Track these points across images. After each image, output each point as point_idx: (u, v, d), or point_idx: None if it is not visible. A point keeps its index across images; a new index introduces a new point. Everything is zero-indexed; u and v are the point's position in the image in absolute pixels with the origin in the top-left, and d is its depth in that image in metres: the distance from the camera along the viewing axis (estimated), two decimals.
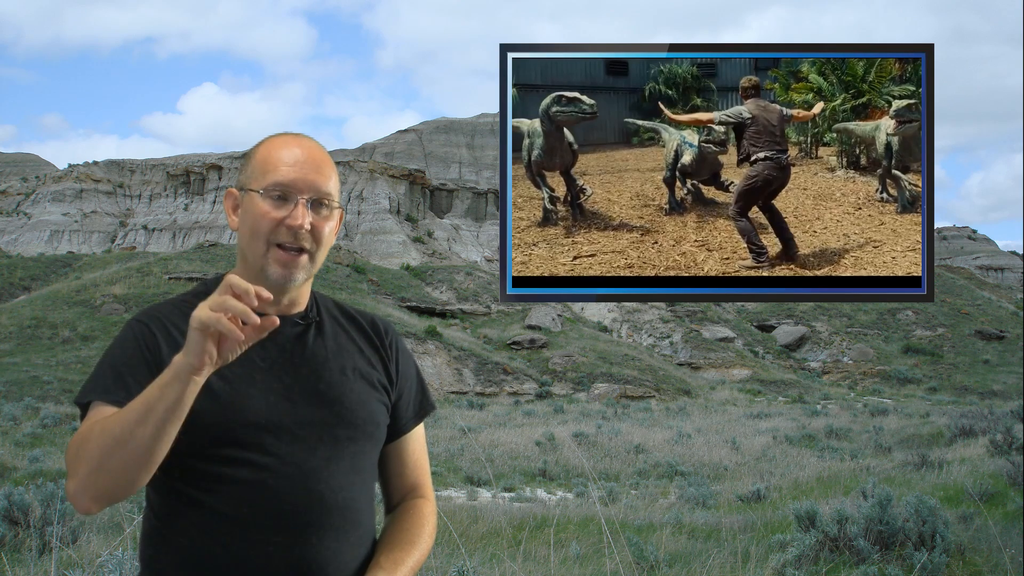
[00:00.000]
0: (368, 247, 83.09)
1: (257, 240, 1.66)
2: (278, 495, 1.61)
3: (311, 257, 1.68)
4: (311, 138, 1.74)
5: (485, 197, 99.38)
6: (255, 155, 1.72)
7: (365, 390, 1.76)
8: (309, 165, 1.68)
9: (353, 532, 1.70)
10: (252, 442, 1.62)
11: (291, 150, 1.69)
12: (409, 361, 1.88)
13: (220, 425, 1.61)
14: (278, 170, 1.67)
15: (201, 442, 1.60)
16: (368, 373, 1.78)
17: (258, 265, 1.67)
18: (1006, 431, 13.34)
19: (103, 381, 1.61)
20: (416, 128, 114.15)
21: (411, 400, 1.86)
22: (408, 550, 1.74)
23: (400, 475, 1.87)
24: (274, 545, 1.61)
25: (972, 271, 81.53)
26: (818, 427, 24.86)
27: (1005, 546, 6.29)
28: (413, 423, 1.87)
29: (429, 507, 1.85)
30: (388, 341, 1.85)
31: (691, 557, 7.22)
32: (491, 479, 15.66)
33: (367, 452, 1.75)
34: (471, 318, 54.96)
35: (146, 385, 1.52)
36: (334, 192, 1.71)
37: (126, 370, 1.61)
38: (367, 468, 1.75)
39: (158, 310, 1.73)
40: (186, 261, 55.88)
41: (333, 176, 1.72)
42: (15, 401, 27.18)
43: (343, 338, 1.79)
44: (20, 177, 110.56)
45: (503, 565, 6.04)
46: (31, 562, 5.94)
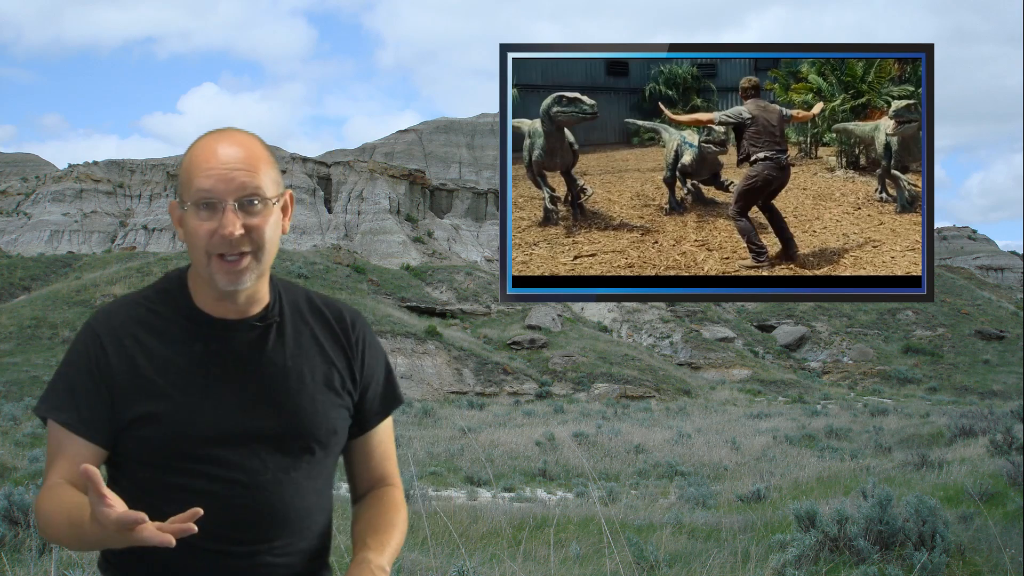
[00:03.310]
0: (368, 247, 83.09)
1: (198, 254, 1.63)
2: (230, 506, 1.61)
3: (255, 256, 1.62)
4: (237, 130, 1.65)
5: (485, 197, 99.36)
6: (182, 164, 1.65)
7: (325, 398, 1.71)
8: (231, 164, 1.59)
9: (305, 539, 1.70)
10: (203, 454, 1.61)
11: (211, 152, 1.60)
12: (377, 355, 1.83)
13: (171, 438, 1.61)
14: (199, 178, 1.59)
15: (153, 454, 1.62)
16: (329, 377, 1.73)
17: (206, 275, 1.64)
18: (1006, 431, 13.34)
19: (56, 398, 1.66)
20: (416, 128, 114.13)
21: (376, 395, 1.82)
22: (391, 531, 1.74)
23: (367, 467, 1.86)
24: (227, 555, 1.62)
25: (972, 271, 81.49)
26: (818, 427, 24.85)
27: (1005, 546, 6.29)
28: (378, 419, 1.84)
29: (399, 494, 1.85)
30: (355, 336, 1.79)
31: (691, 557, 7.23)
32: (491, 479, 15.66)
33: (324, 460, 1.73)
34: (471, 318, 54.95)
35: (95, 409, 1.62)
36: (266, 184, 1.61)
37: (79, 391, 1.64)
38: (323, 476, 1.74)
39: (114, 315, 1.70)
40: (186, 261, 55.59)
41: (262, 168, 1.61)
42: (15, 401, 27.20)
43: (305, 338, 1.74)
44: (20, 177, 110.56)
45: (503, 565, 6.04)
46: (31, 562, 5.94)
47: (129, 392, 1.63)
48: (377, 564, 1.65)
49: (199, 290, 1.69)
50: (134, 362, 1.64)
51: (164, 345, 1.66)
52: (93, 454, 1.65)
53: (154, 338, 1.66)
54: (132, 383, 1.63)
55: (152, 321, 1.69)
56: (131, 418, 1.62)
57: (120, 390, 1.63)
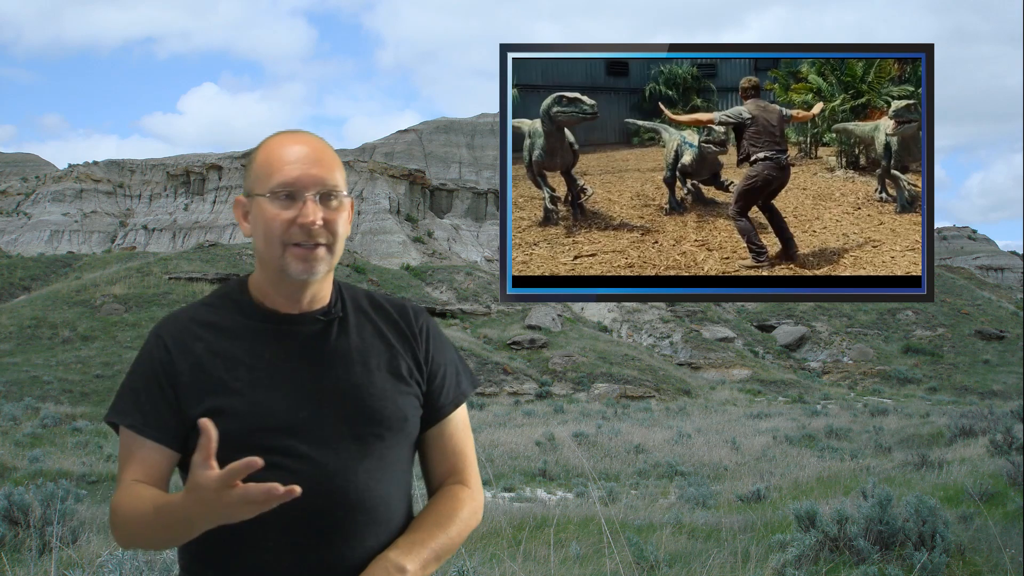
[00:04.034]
0: (368, 247, 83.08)
1: (272, 244, 1.65)
2: (303, 497, 1.58)
3: (329, 249, 1.67)
4: (311, 133, 1.72)
5: (485, 197, 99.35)
6: (256, 159, 1.70)
7: (392, 385, 1.72)
8: (312, 160, 1.66)
9: (384, 530, 1.68)
10: (275, 445, 1.62)
11: (291, 148, 1.67)
12: (444, 346, 1.84)
13: (242, 430, 1.62)
14: (282, 170, 1.65)
15: (224, 447, 1.59)
16: (395, 366, 1.74)
17: (277, 266, 1.66)
18: (1006, 431, 13.33)
19: (123, 403, 1.70)
20: (416, 128, 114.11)
21: (447, 386, 1.82)
22: (432, 532, 1.70)
23: (439, 461, 1.83)
24: (302, 547, 1.61)
25: (972, 271, 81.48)
26: (818, 427, 24.86)
27: (1005, 546, 6.29)
28: (450, 409, 1.82)
29: (466, 492, 1.80)
30: (419, 328, 1.81)
31: (691, 557, 7.22)
32: (491, 479, 15.66)
33: (397, 447, 1.72)
34: (471, 318, 54.95)
35: (160, 411, 1.65)
36: (341, 183, 1.69)
37: (143, 394, 1.68)
38: (398, 463, 1.73)
39: (179, 321, 1.73)
40: (186, 261, 55.86)
41: (338, 167, 1.70)
42: (15, 401, 27.19)
43: (368, 332, 1.76)
44: (20, 177, 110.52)
45: (503, 565, 6.04)
46: (31, 562, 5.94)
47: (196, 390, 1.65)
48: (396, 564, 1.62)
49: (262, 292, 1.72)
50: (200, 360, 1.66)
51: (229, 342, 1.69)
52: (162, 456, 1.67)
53: (219, 336, 1.69)
54: (199, 381, 1.65)
55: (216, 321, 1.72)
56: (199, 414, 1.62)
57: (187, 389, 1.65)
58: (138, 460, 1.66)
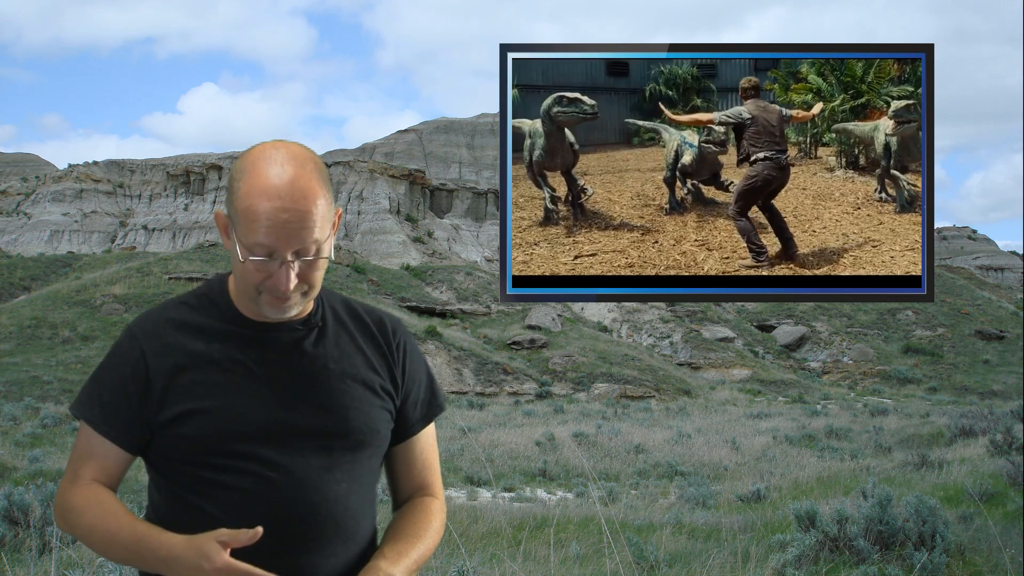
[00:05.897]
0: (368, 247, 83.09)
1: (247, 285, 1.63)
2: (271, 504, 1.61)
3: (305, 294, 1.64)
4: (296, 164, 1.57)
5: (485, 197, 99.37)
6: (239, 190, 1.58)
7: (366, 397, 1.71)
8: (292, 219, 1.54)
9: (350, 541, 1.68)
10: (246, 452, 1.61)
11: (272, 202, 1.54)
12: (418, 362, 1.83)
13: (214, 435, 1.61)
14: (259, 231, 1.55)
15: (196, 451, 1.61)
16: (370, 379, 1.73)
17: (252, 298, 1.65)
18: (1006, 431, 13.34)
19: (88, 399, 1.69)
20: (416, 128, 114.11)
21: (418, 402, 1.82)
22: (413, 542, 1.71)
23: (407, 476, 1.84)
24: (268, 553, 1.60)
25: (972, 271, 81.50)
26: (818, 427, 24.85)
27: (1005, 546, 6.29)
28: (420, 425, 1.83)
29: (436, 504, 1.82)
30: (396, 343, 1.79)
31: (691, 557, 7.22)
32: (491, 479, 15.66)
33: (366, 460, 1.72)
34: (471, 318, 54.95)
35: (121, 411, 1.64)
36: (322, 232, 1.58)
37: (107, 393, 1.67)
38: (366, 475, 1.73)
39: (154, 320, 1.71)
40: (186, 261, 55.89)
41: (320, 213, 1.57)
42: (15, 401, 27.18)
43: (346, 342, 1.74)
44: (20, 177, 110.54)
45: (503, 565, 6.04)
46: (31, 562, 5.94)
47: (169, 391, 1.63)
48: (387, 572, 1.62)
49: (241, 296, 1.69)
50: (174, 361, 1.65)
51: (204, 344, 1.67)
52: (117, 456, 1.67)
53: (194, 338, 1.67)
54: (172, 382, 1.64)
55: (192, 322, 1.69)
56: (172, 416, 1.62)
57: (159, 390, 1.64)
58: (94, 456, 1.66)
